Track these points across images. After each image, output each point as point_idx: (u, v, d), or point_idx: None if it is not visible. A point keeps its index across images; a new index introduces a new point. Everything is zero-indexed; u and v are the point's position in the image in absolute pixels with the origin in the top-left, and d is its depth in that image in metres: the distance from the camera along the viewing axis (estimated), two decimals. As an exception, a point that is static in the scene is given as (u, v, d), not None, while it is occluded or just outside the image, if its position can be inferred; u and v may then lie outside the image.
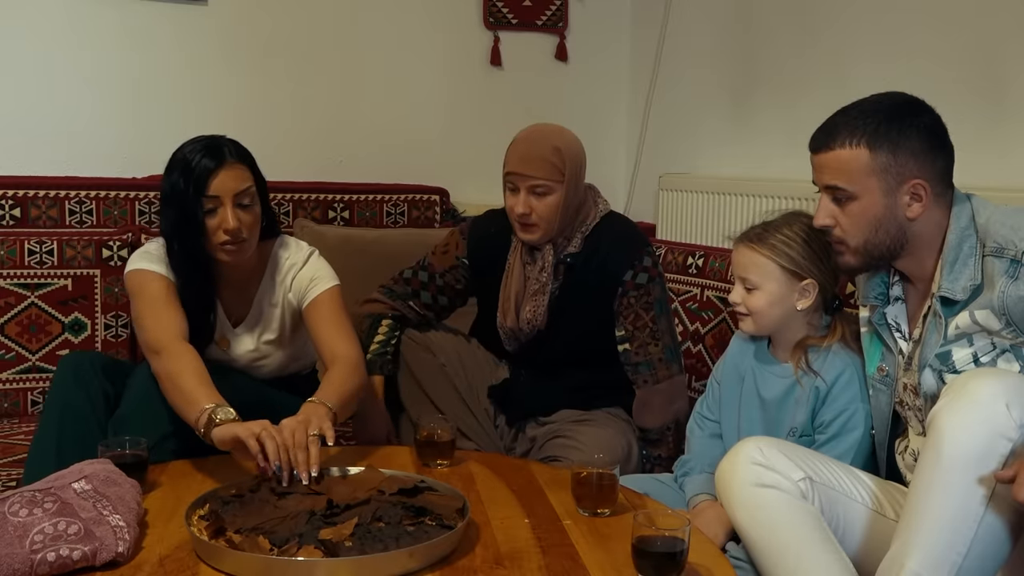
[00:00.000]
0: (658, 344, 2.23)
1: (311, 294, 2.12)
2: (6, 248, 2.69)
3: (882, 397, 1.80)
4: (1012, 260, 1.55)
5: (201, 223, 1.96)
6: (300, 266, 2.14)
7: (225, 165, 1.97)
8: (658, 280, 2.26)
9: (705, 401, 2.08)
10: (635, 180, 3.68)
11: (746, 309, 1.91)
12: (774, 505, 1.63)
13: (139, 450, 1.76)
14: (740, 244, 1.93)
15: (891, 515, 1.69)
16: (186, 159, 1.96)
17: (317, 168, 3.24)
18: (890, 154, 1.61)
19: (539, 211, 2.18)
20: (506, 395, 2.33)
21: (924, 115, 1.65)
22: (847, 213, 1.67)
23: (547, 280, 2.25)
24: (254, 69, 3.20)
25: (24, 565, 1.38)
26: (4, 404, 2.67)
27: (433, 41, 3.45)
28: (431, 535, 1.48)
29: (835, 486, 1.69)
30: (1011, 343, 1.58)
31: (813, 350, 1.89)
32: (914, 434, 1.74)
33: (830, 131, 1.66)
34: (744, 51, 3.19)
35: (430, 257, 2.39)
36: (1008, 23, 2.32)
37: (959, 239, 1.63)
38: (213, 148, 1.98)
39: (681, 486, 1.97)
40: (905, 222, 1.65)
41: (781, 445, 1.71)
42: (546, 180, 2.16)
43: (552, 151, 2.16)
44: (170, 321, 1.96)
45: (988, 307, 1.56)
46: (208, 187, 1.94)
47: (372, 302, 2.38)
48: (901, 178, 1.62)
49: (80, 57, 3.00)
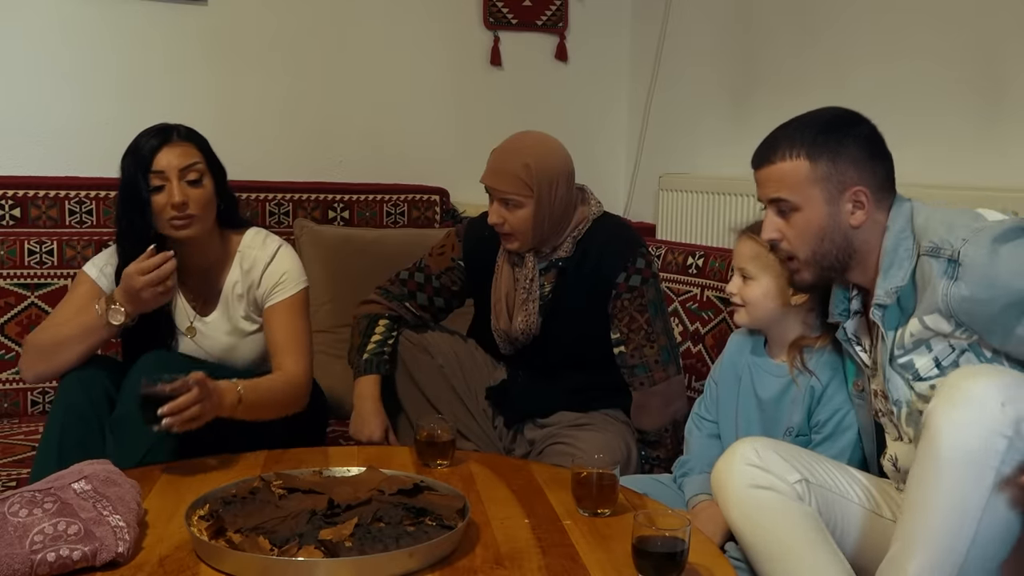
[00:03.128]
0: (653, 346, 2.23)
1: (275, 297, 2.15)
2: (6, 248, 2.69)
3: (862, 412, 1.82)
4: (949, 260, 1.53)
5: (147, 201, 2.00)
6: (268, 260, 2.16)
7: (170, 143, 2.04)
8: (652, 281, 2.25)
9: (703, 401, 2.08)
10: (635, 180, 3.68)
11: (741, 299, 1.94)
12: (770, 507, 1.63)
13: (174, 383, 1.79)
14: (742, 235, 1.96)
15: (887, 515, 1.69)
16: (136, 143, 2.04)
17: (317, 168, 3.24)
18: (830, 162, 1.63)
19: (511, 222, 2.19)
20: (504, 396, 2.33)
21: (861, 125, 1.67)
22: (792, 225, 1.68)
23: (534, 287, 2.25)
24: (254, 69, 3.20)
25: (24, 565, 1.38)
26: (4, 404, 2.67)
27: (433, 41, 3.45)
28: (431, 535, 1.48)
29: (831, 487, 1.69)
30: (968, 342, 1.58)
31: (808, 350, 1.90)
32: (891, 439, 1.75)
33: (770, 145, 1.69)
34: (744, 51, 3.19)
35: (427, 259, 2.39)
36: (1008, 23, 2.32)
37: (895, 243, 1.63)
38: (161, 130, 2.06)
39: (680, 486, 1.98)
40: (849, 230, 1.66)
41: (777, 446, 1.71)
42: (514, 195, 2.16)
43: (522, 167, 2.16)
44: (67, 319, 2.04)
45: (935, 311, 1.56)
46: (152, 163, 2.01)
47: (369, 303, 2.38)
48: (842, 186, 1.64)
49: (80, 57, 3.00)
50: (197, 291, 2.16)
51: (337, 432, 2.52)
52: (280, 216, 3.03)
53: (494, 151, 2.24)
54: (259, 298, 2.16)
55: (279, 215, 3.03)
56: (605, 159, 3.70)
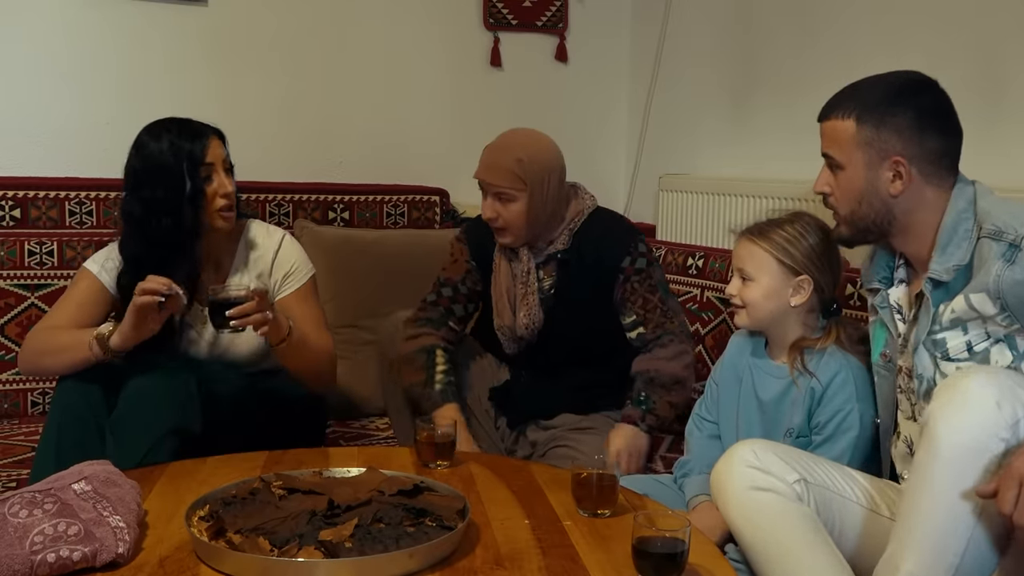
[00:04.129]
0: (674, 321, 2.25)
1: (288, 287, 2.21)
2: (6, 249, 2.69)
3: (886, 384, 1.81)
4: (1011, 244, 1.55)
5: (201, 191, 2.05)
6: (275, 249, 2.22)
7: (210, 135, 2.10)
8: (656, 264, 2.29)
9: (704, 402, 2.08)
10: (635, 181, 3.68)
11: (741, 301, 1.94)
12: (769, 508, 1.63)
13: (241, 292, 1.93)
14: (741, 237, 1.96)
15: (886, 513, 1.69)
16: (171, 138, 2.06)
17: (317, 169, 3.24)
18: (874, 128, 1.66)
19: (505, 217, 2.21)
20: (507, 397, 2.33)
21: (924, 95, 1.69)
22: (838, 182, 1.73)
23: (531, 281, 2.25)
24: (254, 69, 3.20)
25: (24, 566, 1.38)
26: (4, 404, 2.67)
27: (433, 42, 3.45)
28: (431, 536, 1.48)
29: (830, 486, 1.69)
30: (1005, 332, 1.58)
31: (808, 351, 1.91)
32: (903, 418, 1.75)
33: (833, 102, 1.75)
34: (744, 51, 3.19)
35: (443, 274, 2.39)
36: (1008, 23, 2.32)
37: (955, 221, 1.64)
38: (192, 125, 2.10)
39: (681, 487, 1.98)
40: (888, 198, 1.68)
41: (775, 447, 1.72)
42: (508, 188, 2.19)
43: (515, 162, 2.18)
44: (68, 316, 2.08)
45: (984, 291, 1.56)
46: (206, 156, 2.06)
47: (417, 337, 2.32)
48: (884, 153, 1.66)
49: (80, 58, 3.00)
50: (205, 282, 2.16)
51: (337, 433, 2.52)
52: (280, 217, 3.03)
53: (487, 147, 2.26)
54: (269, 287, 2.18)
55: (279, 216, 3.03)
56: (605, 160, 3.70)
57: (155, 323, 1.95)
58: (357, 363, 2.72)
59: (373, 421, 2.68)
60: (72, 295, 2.12)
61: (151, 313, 1.93)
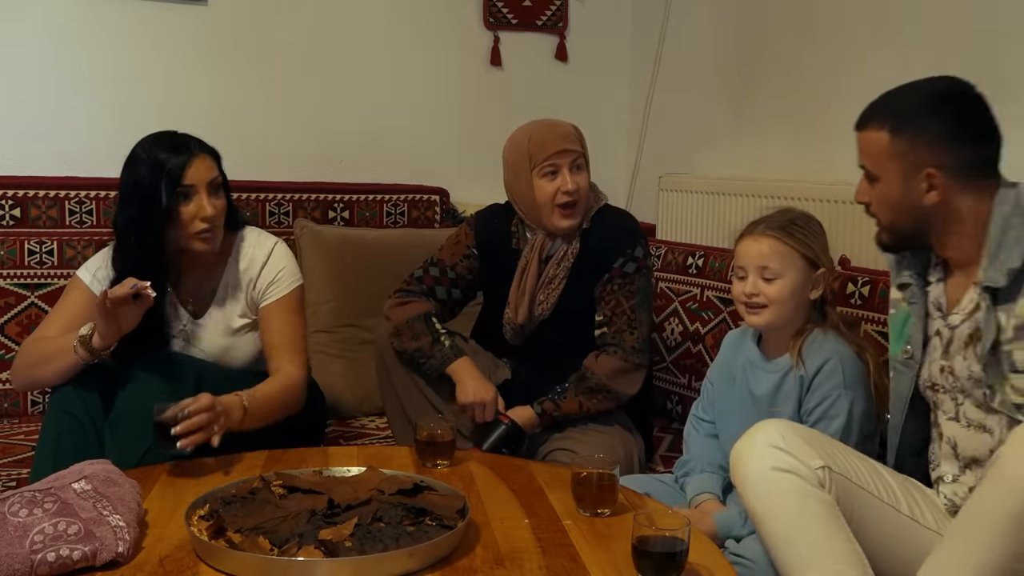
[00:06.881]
0: (634, 333, 2.24)
1: (271, 295, 2.17)
2: (6, 248, 2.69)
3: (903, 379, 1.78)
4: None
5: (175, 212, 2.02)
6: (265, 258, 2.18)
7: (197, 156, 2.05)
8: (645, 272, 2.28)
9: (700, 403, 2.09)
10: (635, 180, 3.68)
11: (765, 299, 1.88)
12: (789, 490, 1.60)
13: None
14: (759, 235, 1.91)
15: (905, 511, 1.67)
16: (153, 155, 2.03)
17: (317, 168, 3.24)
18: (909, 141, 1.63)
19: (582, 187, 2.26)
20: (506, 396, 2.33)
21: (956, 104, 1.66)
22: (875, 193, 1.70)
23: (567, 267, 2.27)
24: (254, 69, 3.20)
25: (24, 565, 1.38)
26: (4, 404, 2.67)
27: (433, 41, 3.44)
28: (431, 535, 1.48)
29: (853, 478, 1.65)
30: None
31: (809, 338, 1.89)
32: (945, 419, 1.72)
33: (869, 111, 1.70)
34: (744, 51, 3.19)
35: (438, 253, 2.41)
36: (1008, 23, 2.32)
37: (1003, 226, 1.61)
38: (179, 142, 2.06)
39: (682, 487, 1.98)
40: (924, 208, 1.65)
41: (804, 431, 1.68)
42: (584, 151, 2.28)
43: (573, 128, 2.29)
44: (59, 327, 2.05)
45: None
46: (184, 176, 2.02)
47: (408, 304, 2.34)
48: (917, 166, 1.63)
49: (80, 57, 3.00)
50: (192, 293, 2.16)
51: (337, 432, 2.52)
52: (280, 216, 3.03)
53: (533, 131, 2.28)
54: (255, 296, 2.17)
55: (279, 215, 3.03)
56: (605, 159, 3.67)
57: (132, 318, 1.93)
58: (357, 363, 2.72)
59: (373, 420, 2.68)
60: (63, 306, 2.11)
61: (119, 309, 1.90)
